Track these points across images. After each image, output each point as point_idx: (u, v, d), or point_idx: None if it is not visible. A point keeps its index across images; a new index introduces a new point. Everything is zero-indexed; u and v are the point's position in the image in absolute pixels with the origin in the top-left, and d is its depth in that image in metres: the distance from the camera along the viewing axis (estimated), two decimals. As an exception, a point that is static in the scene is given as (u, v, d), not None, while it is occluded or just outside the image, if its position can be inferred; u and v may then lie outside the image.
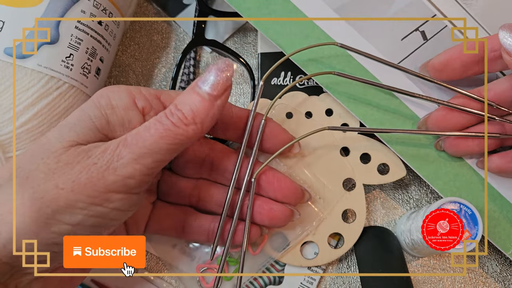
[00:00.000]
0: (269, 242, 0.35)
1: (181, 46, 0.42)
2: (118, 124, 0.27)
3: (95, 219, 0.24)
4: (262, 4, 0.35)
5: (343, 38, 0.35)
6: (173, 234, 0.33)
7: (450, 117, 0.33)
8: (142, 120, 0.28)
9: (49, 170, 0.24)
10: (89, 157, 0.25)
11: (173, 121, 0.26)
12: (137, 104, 0.28)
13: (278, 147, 0.33)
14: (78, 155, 0.25)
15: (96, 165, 0.24)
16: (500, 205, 0.34)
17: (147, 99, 0.28)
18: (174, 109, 0.26)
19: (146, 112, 0.28)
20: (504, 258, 0.37)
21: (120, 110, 0.27)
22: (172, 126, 0.26)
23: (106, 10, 0.35)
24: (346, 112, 0.36)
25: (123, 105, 0.27)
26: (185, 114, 0.26)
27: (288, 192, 0.32)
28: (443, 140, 0.34)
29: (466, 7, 0.36)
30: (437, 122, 0.33)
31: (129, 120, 0.27)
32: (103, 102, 0.27)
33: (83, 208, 0.24)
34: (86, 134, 0.26)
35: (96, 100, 0.27)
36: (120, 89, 0.28)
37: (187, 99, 0.27)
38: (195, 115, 0.26)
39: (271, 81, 0.39)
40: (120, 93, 0.28)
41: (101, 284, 0.35)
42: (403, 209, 0.38)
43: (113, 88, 0.28)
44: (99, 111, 0.27)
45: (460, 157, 0.34)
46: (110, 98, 0.27)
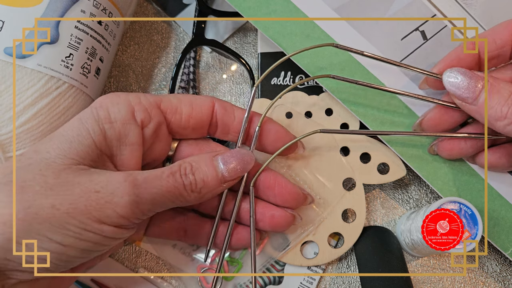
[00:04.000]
0: (270, 242, 0.35)
1: (181, 46, 0.42)
2: (115, 139, 0.27)
3: (86, 243, 0.24)
4: (262, 3, 0.35)
5: (343, 38, 0.35)
6: (174, 238, 0.33)
7: (445, 118, 0.33)
8: (141, 134, 0.28)
9: (46, 184, 0.24)
10: (91, 181, 0.25)
11: (185, 183, 0.27)
12: (136, 117, 0.28)
13: (279, 147, 0.32)
14: (79, 175, 0.25)
15: (98, 193, 0.24)
16: (500, 205, 0.34)
17: (147, 110, 0.28)
18: (189, 170, 0.27)
19: (145, 124, 0.28)
20: (504, 258, 0.37)
21: (118, 124, 0.27)
22: (181, 187, 0.27)
23: (106, 10, 0.35)
24: (346, 111, 0.36)
25: (121, 119, 0.27)
26: (197, 181, 0.27)
27: (289, 196, 0.32)
28: (436, 145, 0.34)
29: (466, 7, 0.36)
30: (432, 126, 0.33)
31: (126, 135, 0.28)
32: (102, 115, 0.27)
33: (75, 231, 0.24)
34: (85, 151, 0.26)
35: (95, 112, 0.27)
36: (119, 100, 0.28)
37: (203, 166, 0.28)
38: (204, 186, 0.28)
39: (271, 81, 0.39)
40: (120, 105, 0.28)
41: (101, 284, 0.35)
42: (403, 209, 0.38)
43: (112, 98, 0.28)
44: (98, 125, 0.27)
45: (459, 158, 0.35)
46: (109, 111, 0.27)
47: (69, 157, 0.25)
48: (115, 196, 0.25)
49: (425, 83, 0.34)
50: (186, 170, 0.27)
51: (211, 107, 0.31)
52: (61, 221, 0.23)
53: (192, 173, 0.27)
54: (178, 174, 0.27)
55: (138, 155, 0.28)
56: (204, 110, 0.31)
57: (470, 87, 0.29)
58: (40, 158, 0.25)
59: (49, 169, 0.24)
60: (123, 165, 0.28)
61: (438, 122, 0.33)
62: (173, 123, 0.30)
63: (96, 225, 0.24)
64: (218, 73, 0.42)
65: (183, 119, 0.30)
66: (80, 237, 0.24)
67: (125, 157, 0.28)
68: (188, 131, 0.31)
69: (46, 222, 0.23)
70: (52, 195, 0.24)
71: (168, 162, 0.32)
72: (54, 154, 0.25)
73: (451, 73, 0.30)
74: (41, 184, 0.24)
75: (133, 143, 0.28)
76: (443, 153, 0.34)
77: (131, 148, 0.28)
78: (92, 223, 0.24)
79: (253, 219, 0.32)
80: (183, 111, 0.30)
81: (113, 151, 0.28)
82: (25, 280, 0.25)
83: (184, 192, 0.27)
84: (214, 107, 0.31)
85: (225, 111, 0.31)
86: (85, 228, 0.24)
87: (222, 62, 0.42)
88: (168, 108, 0.30)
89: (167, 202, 0.27)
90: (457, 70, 0.30)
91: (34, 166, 0.25)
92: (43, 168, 0.24)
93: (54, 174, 0.24)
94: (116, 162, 0.28)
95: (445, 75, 0.31)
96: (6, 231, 0.23)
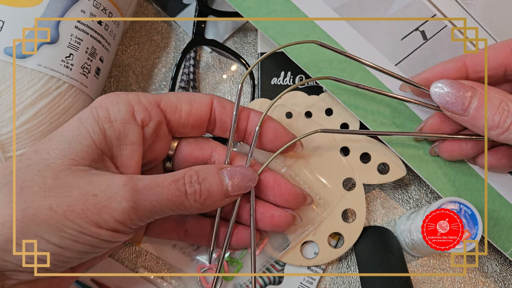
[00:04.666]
0: (270, 242, 0.35)
1: (181, 46, 0.42)
2: (115, 139, 0.27)
3: (83, 245, 0.24)
4: (262, 3, 0.35)
5: (343, 38, 0.35)
6: (174, 238, 0.33)
7: (445, 124, 0.33)
8: (141, 133, 0.28)
9: (45, 185, 0.24)
10: (90, 183, 0.24)
11: (188, 191, 0.27)
12: (136, 116, 0.28)
13: (279, 146, 0.32)
14: (78, 176, 0.25)
15: (96, 197, 0.24)
16: (500, 205, 0.34)
17: (147, 109, 0.28)
18: (195, 179, 0.27)
19: (145, 124, 0.28)
20: (504, 258, 0.37)
21: (118, 124, 0.27)
22: (183, 196, 0.26)
23: (106, 10, 0.35)
24: (346, 111, 0.36)
25: (121, 119, 0.27)
26: (202, 191, 0.27)
27: (289, 197, 0.32)
28: (437, 146, 0.34)
29: (466, 7, 0.36)
30: (433, 132, 0.33)
31: (126, 134, 0.27)
32: (102, 115, 0.27)
33: (72, 234, 0.24)
34: (85, 152, 0.26)
35: (95, 112, 0.27)
36: (119, 100, 0.28)
37: (209, 177, 0.28)
38: (208, 197, 0.27)
39: (271, 81, 0.39)
40: (119, 104, 0.28)
41: (101, 284, 0.35)
42: (403, 209, 0.38)
43: (112, 98, 0.28)
44: (97, 125, 0.27)
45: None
46: (108, 111, 0.27)
47: (68, 157, 0.25)
48: (113, 201, 0.24)
49: (406, 86, 0.34)
50: (191, 178, 0.27)
51: (210, 104, 0.31)
52: (58, 223, 0.23)
53: (198, 183, 0.27)
54: (181, 182, 0.27)
55: (138, 154, 0.28)
56: (203, 107, 0.31)
57: (459, 98, 0.29)
58: (40, 158, 0.25)
59: (48, 169, 0.24)
60: (123, 165, 0.28)
61: (438, 128, 0.33)
62: (173, 121, 0.30)
63: (93, 229, 0.24)
64: (218, 73, 0.42)
65: (182, 117, 0.30)
66: (77, 240, 0.24)
67: (125, 156, 0.28)
68: (187, 129, 0.31)
69: (43, 224, 0.23)
70: (50, 197, 0.24)
71: (168, 161, 0.32)
72: (53, 155, 0.25)
73: (438, 85, 0.30)
74: (40, 185, 0.24)
75: (133, 142, 0.28)
76: (444, 154, 0.34)
77: (131, 147, 0.28)
78: (89, 226, 0.24)
79: (253, 219, 0.32)
80: (183, 109, 0.30)
81: (113, 151, 0.27)
82: (25, 281, 0.25)
83: (186, 201, 0.27)
84: (213, 104, 0.31)
85: (223, 109, 0.31)
86: (82, 231, 0.24)
87: (222, 62, 0.42)
88: (168, 107, 0.30)
89: (166, 210, 0.27)
90: (444, 82, 0.30)
91: (33, 166, 0.24)
92: (42, 169, 0.24)
93: (53, 175, 0.24)
94: (117, 162, 0.28)
95: (432, 87, 0.30)
96: (5, 231, 0.23)
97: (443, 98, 0.30)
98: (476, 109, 0.29)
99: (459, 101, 0.29)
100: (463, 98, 0.29)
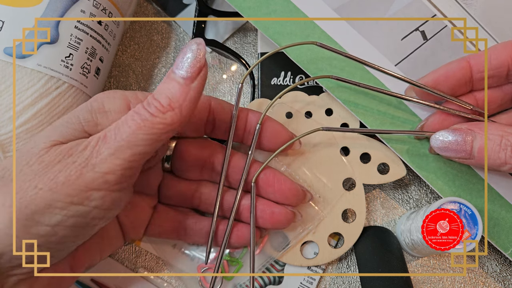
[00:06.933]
0: (270, 242, 0.35)
1: (181, 46, 0.42)
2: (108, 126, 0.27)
3: (75, 219, 0.24)
4: (262, 3, 0.35)
5: (343, 38, 0.35)
6: (174, 237, 0.33)
7: (446, 123, 0.33)
8: None
9: (32, 172, 0.24)
10: (70, 155, 0.24)
11: (151, 111, 0.25)
12: (131, 108, 0.28)
13: (278, 145, 0.33)
14: (59, 154, 0.24)
15: (75, 163, 0.24)
16: (500, 205, 0.34)
17: None
18: (151, 99, 0.26)
19: None
20: (504, 258, 0.37)
21: (113, 113, 0.27)
22: (149, 116, 0.25)
23: (106, 10, 0.35)
24: (346, 111, 0.36)
25: (116, 109, 0.27)
26: (162, 102, 0.25)
27: (288, 193, 0.32)
28: None
29: (466, 7, 0.36)
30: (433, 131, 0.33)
31: None
32: (95, 106, 0.27)
33: (62, 208, 0.23)
34: (71, 135, 0.26)
35: (89, 104, 0.27)
36: (115, 95, 0.28)
37: (163, 88, 0.26)
38: (172, 101, 0.25)
39: (271, 81, 0.39)
40: (115, 98, 0.28)
41: (101, 284, 0.35)
42: (403, 209, 0.38)
43: (108, 93, 0.28)
44: (90, 114, 0.26)
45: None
46: (103, 103, 0.27)
47: (51, 139, 0.25)
48: (91, 157, 0.24)
49: (412, 91, 0.34)
50: (148, 101, 0.26)
51: (208, 105, 0.31)
52: (45, 199, 0.23)
53: (155, 99, 0.26)
54: (142, 108, 0.25)
55: None
56: (201, 107, 0.31)
57: (460, 145, 0.30)
58: (27, 149, 0.25)
59: (33, 157, 0.24)
60: None
61: (439, 127, 0.33)
62: None
63: (82, 194, 0.24)
64: (218, 73, 0.42)
65: None
66: (68, 214, 0.24)
67: None
68: (185, 129, 0.31)
69: (31, 205, 0.23)
70: (35, 179, 0.24)
71: (167, 162, 0.32)
72: (38, 141, 0.25)
73: (438, 137, 0.30)
74: (27, 173, 0.24)
75: None
76: None
77: None
78: (77, 193, 0.24)
79: (253, 215, 0.32)
80: None
81: None
82: (25, 280, 0.25)
83: (156, 119, 0.25)
84: (211, 105, 0.31)
85: (222, 109, 0.31)
86: (72, 201, 0.23)
87: (222, 62, 0.42)
88: None
89: (147, 139, 0.25)
90: (440, 133, 0.30)
91: (22, 158, 0.25)
92: (29, 159, 0.24)
93: (39, 160, 0.24)
94: None
95: (432, 140, 0.31)
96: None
97: (446, 149, 0.30)
98: (479, 151, 0.29)
99: (461, 148, 0.30)
100: (464, 144, 0.30)
